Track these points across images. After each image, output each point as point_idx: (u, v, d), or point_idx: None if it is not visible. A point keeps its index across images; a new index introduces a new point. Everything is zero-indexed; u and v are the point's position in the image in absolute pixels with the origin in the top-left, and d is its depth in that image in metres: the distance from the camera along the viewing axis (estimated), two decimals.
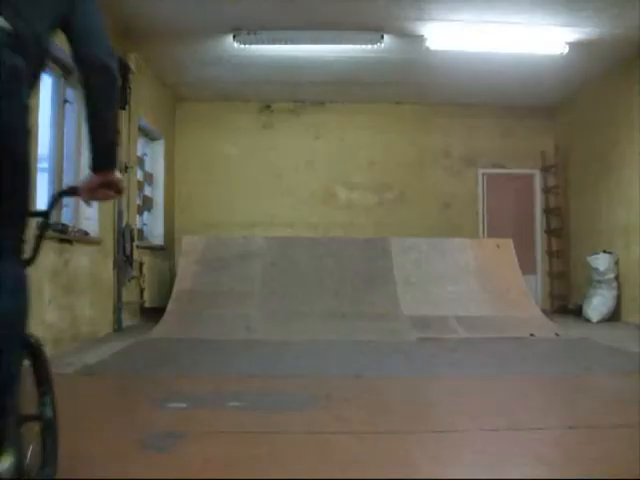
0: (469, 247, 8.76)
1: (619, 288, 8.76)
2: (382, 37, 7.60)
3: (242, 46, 7.79)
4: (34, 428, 2.14)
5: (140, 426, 3.38)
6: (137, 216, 8.75)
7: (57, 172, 6.43)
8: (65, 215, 6.54)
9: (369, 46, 7.79)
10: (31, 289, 1.87)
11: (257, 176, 10.64)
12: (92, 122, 2.12)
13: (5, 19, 1.76)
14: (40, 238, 2.08)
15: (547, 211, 10.91)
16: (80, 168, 6.84)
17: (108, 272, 7.24)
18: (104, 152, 2.18)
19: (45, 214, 2.13)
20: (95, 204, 6.87)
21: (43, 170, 6.07)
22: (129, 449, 2.91)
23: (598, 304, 8.76)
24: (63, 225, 6.12)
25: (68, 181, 6.65)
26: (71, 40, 2.20)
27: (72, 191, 2.29)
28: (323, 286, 8.07)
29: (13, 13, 1.79)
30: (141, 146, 9.28)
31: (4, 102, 1.75)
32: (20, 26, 1.80)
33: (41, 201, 5.81)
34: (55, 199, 2.33)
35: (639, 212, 8.16)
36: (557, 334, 7.23)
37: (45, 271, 5.49)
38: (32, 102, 1.92)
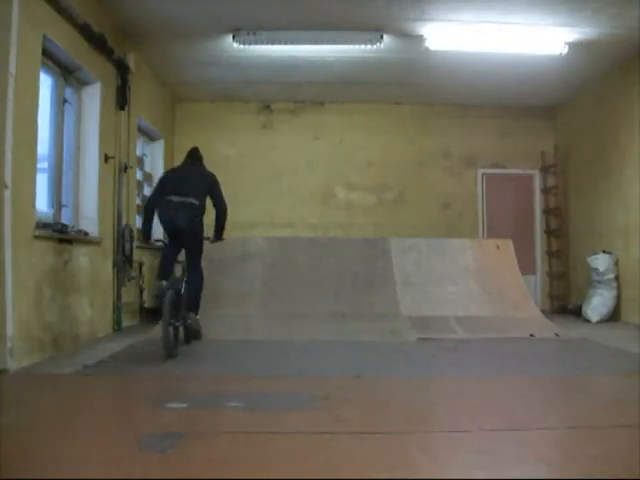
0: (469, 247, 8.75)
1: (619, 288, 8.76)
2: (382, 37, 7.59)
3: (242, 46, 7.79)
4: None
5: (140, 426, 3.37)
6: (137, 216, 8.74)
7: (56, 172, 6.43)
8: (65, 215, 6.54)
9: (369, 46, 7.79)
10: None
11: (256, 176, 10.64)
12: (218, 226, 6.32)
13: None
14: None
15: (547, 211, 10.91)
16: (79, 167, 6.85)
17: (108, 272, 7.24)
18: (220, 234, 6.35)
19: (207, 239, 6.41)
20: (94, 204, 6.90)
21: (42, 170, 6.05)
22: (129, 449, 2.90)
23: (598, 304, 8.76)
24: (63, 225, 6.11)
25: (67, 180, 6.66)
26: (213, 199, 6.28)
27: (207, 239, 6.26)
28: (323, 286, 8.07)
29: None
30: (140, 146, 9.27)
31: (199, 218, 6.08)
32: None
33: (40, 200, 5.83)
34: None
35: (639, 213, 8.16)
36: (557, 334, 7.23)
37: (44, 271, 5.49)
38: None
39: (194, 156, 6.71)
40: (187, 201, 5.91)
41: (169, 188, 6.00)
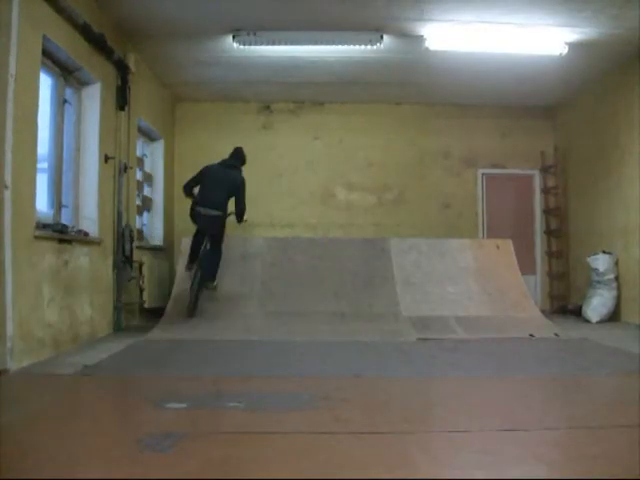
0: (469, 248, 8.76)
1: (619, 288, 8.76)
2: (382, 37, 7.59)
3: (242, 47, 7.79)
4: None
5: (139, 426, 3.38)
6: (137, 216, 8.75)
7: (56, 172, 6.43)
8: (65, 215, 6.54)
9: (369, 46, 7.79)
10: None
11: (256, 176, 10.58)
12: (237, 216, 7.73)
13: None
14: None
15: (546, 211, 10.91)
16: (79, 167, 6.85)
17: (108, 272, 7.25)
18: (241, 220, 7.77)
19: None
20: (94, 204, 6.90)
21: (42, 170, 6.06)
22: (128, 449, 2.90)
23: (598, 304, 8.76)
24: (63, 225, 6.11)
25: (67, 180, 6.66)
26: (235, 200, 7.64)
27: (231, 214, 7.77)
28: (323, 287, 8.08)
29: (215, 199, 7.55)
30: (140, 146, 9.28)
31: (220, 224, 7.65)
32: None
33: (40, 201, 5.83)
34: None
35: (639, 213, 8.16)
36: (557, 334, 7.23)
37: (45, 271, 5.49)
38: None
39: (236, 157, 7.88)
40: (212, 214, 7.47)
41: (201, 192, 7.65)
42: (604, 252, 8.92)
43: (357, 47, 7.86)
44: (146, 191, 9.57)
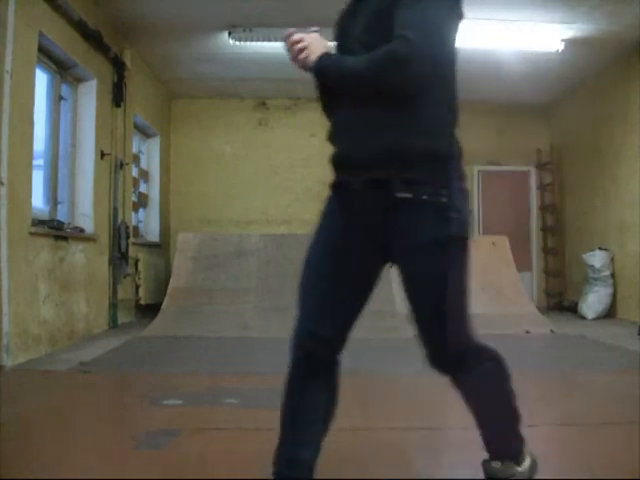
0: None
1: (614, 285, 8.77)
2: None
3: (237, 43, 7.77)
4: None
5: (135, 423, 3.37)
6: (132, 213, 8.73)
7: (52, 168, 6.42)
8: (60, 212, 6.52)
9: None
10: None
11: (252, 173, 10.62)
12: None
13: None
14: None
15: (542, 208, 10.93)
16: (75, 164, 6.83)
17: (103, 269, 7.24)
18: None
19: None
20: (90, 201, 6.88)
21: (38, 167, 6.04)
22: (124, 446, 2.90)
23: (593, 301, 8.78)
24: (58, 222, 6.09)
25: (63, 177, 6.65)
26: None
27: None
28: None
29: None
30: (136, 143, 9.26)
31: None
32: None
33: (36, 197, 5.82)
34: None
35: (635, 209, 8.17)
36: (552, 331, 7.25)
37: (40, 268, 5.48)
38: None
39: None
40: None
41: None
42: (600, 249, 8.93)
43: None
44: (142, 188, 9.55)
